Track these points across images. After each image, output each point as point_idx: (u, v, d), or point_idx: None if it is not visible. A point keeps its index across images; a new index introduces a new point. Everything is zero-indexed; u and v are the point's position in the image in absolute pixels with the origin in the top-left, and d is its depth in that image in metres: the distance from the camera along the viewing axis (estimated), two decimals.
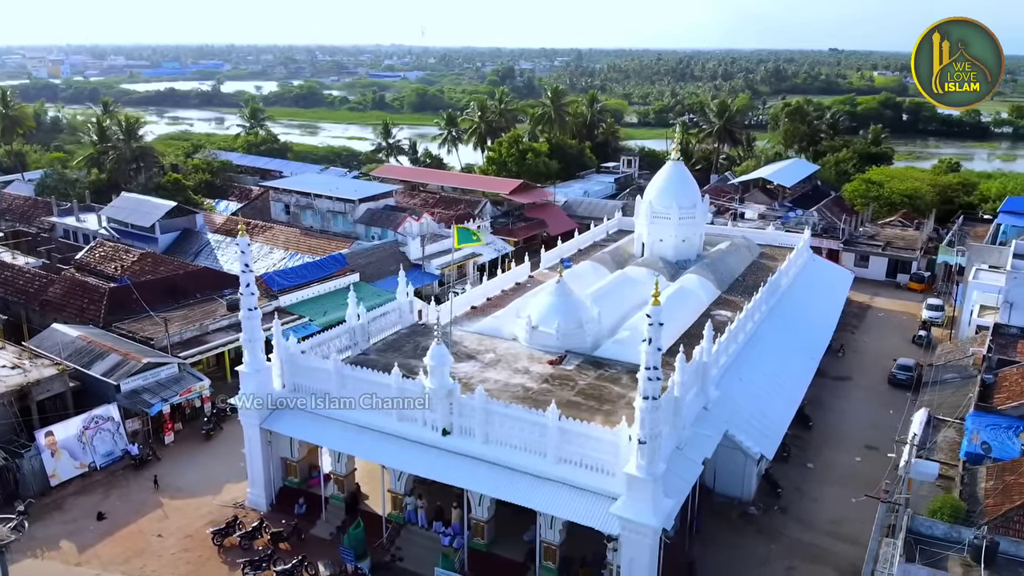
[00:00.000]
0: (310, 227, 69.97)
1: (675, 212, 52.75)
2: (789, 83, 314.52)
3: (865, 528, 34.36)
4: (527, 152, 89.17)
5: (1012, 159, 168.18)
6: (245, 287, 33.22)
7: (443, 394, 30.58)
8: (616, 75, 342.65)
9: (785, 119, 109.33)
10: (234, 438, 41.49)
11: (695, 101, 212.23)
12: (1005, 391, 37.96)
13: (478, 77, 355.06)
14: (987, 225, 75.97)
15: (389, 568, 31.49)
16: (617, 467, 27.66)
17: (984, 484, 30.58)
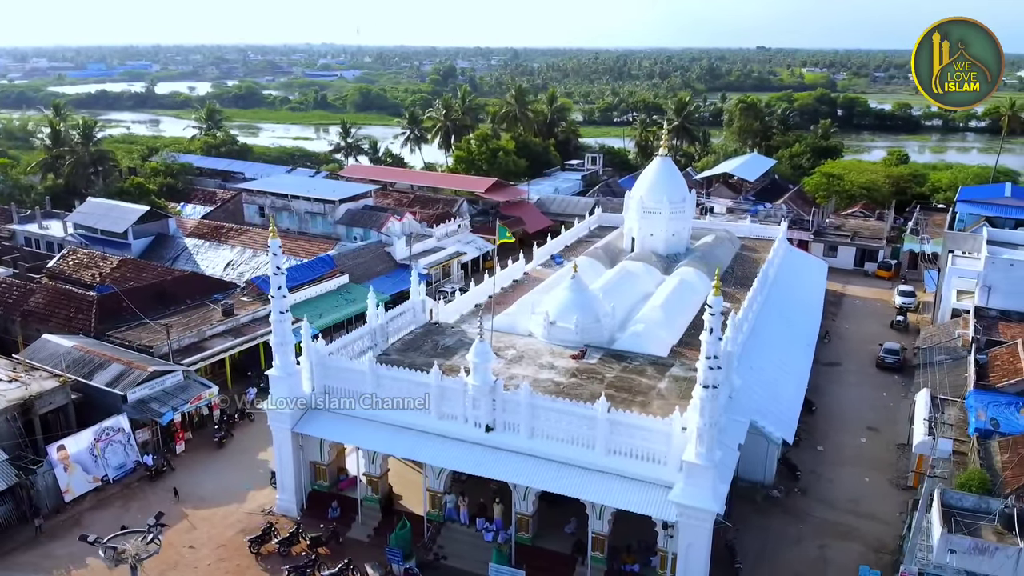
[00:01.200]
0: (287, 229, 68.82)
1: (666, 207, 53.85)
2: (723, 80, 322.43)
3: (882, 505, 36.19)
4: (497, 151, 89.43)
5: (943, 150, 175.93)
6: (277, 290, 32.78)
7: (486, 391, 30.78)
8: (555, 74, 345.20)
9: (739, 116, 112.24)
10: (246, 445, 41.00)
11: (639, 99, 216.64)
12: (999, 370, 40.11)
13: (417, 76, 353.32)
14: (942, 214, 79.67)
15: (435, 567, 31.52)
16: (669, 456, 28.35)
17: (999, 457, 32.32)
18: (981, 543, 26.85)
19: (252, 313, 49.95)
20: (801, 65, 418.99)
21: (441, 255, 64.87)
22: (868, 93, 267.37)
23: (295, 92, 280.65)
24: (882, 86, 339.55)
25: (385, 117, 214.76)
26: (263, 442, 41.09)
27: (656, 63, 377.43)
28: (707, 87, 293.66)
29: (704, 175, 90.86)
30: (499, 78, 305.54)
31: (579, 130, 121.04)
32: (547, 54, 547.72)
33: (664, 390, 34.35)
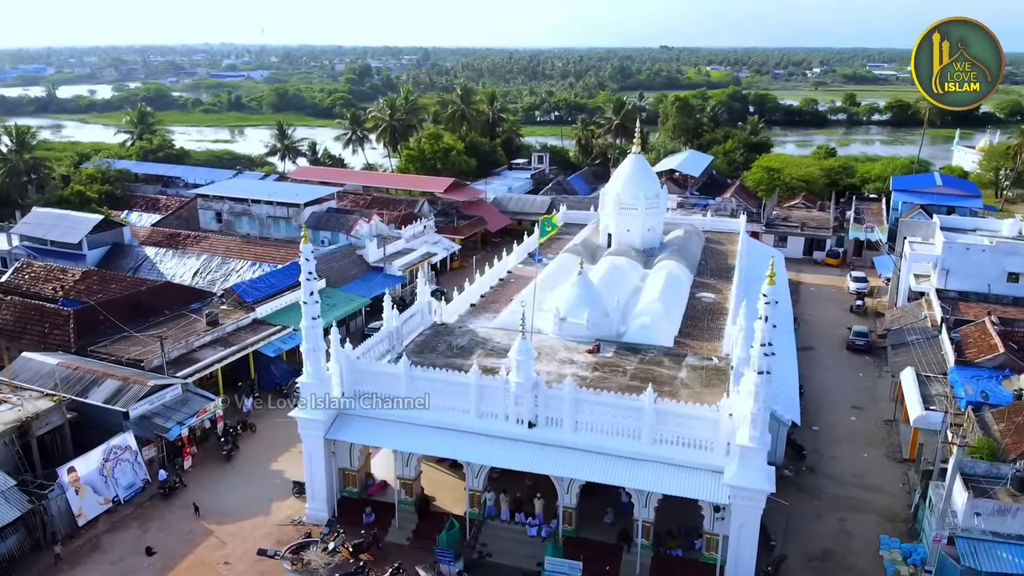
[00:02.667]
0: (247, 234, 67.03)
1: (642, 202, 55.33)
2: (633, 80, 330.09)
3: (884, 478, 38.52)
4: (449, 150, 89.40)
5: (848, 143, 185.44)
6: (309, 295, 32.26)
7: (529, 387, 31.20)
8: (471, 73, 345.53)
9: (674, 113, 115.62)
10: (255, 456, 40.10)
11: (559, 99, 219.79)
12: (973, 346, 43.22)
13: (330, 75, 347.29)
14: (876, 203, 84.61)
15: (482, 565, 31.72)
16: (717, 442, 29.49)
17: (996, 427, 34.93)
18: (1003, 505, 29.13)
19: (237, 322, 48.61)
20: (707, 63, 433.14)
21: (413, 256, 64.57)
22: (772, 89, 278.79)
23: (203, 93, 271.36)
24: (783, 83, 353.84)
25: (304, 118, 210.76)
26: (271, 452, 40.42)
27: (568, 63, 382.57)
28: (618, 86, 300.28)
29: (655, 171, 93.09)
30: (416, 77, 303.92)
31: (520, 129, 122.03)
32: (457, 53, 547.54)
33: (686, 379, 35.56)
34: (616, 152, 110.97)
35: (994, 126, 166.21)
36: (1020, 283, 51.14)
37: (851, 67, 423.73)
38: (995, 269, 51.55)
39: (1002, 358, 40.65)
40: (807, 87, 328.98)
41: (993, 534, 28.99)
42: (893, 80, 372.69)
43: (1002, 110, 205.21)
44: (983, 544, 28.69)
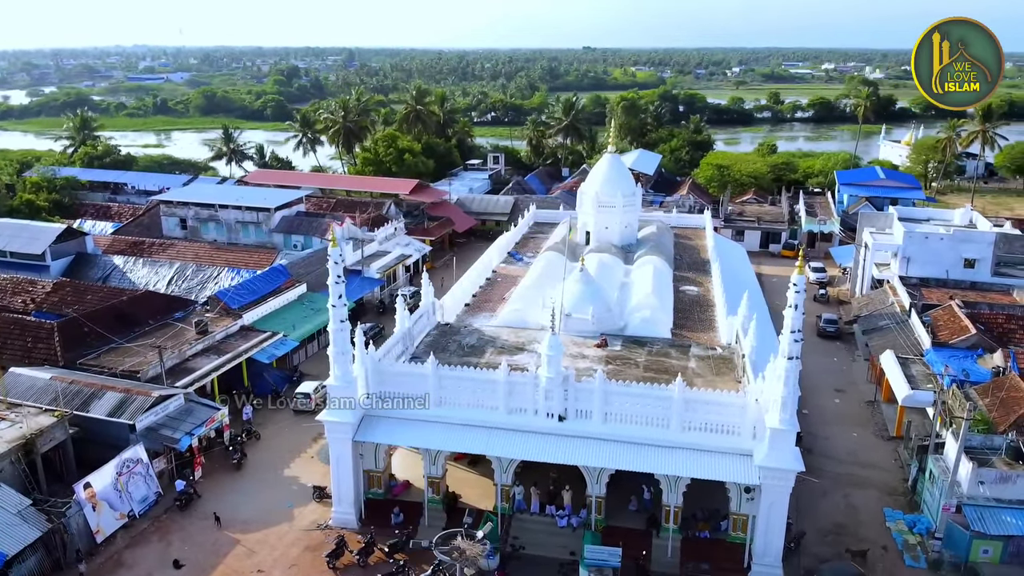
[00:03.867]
0: (214, 240, 65.63)
1: (619, 200, 56.66)
2: (562, 80, 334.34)
3: (876, 455, 40.74)
4: (405, 152, 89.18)
5: (773, 140, 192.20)
6: (337, 298, 32.15)
7: (559, 381, 31.91)
8: (400, 74, 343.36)
9: (620, 113, 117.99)
10: (264, 463, 39.66)
11: (495, 100, 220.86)
12: (945, 329, 46.00)
13: (253, 77, 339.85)
14: (821, 197, 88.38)
15: (517, 558, 32.23)
16: (744, 427, 30.82)
17: (982, 402, 37.41)
18: (1004, 473, 31.41)
19: (225, 329, 47.72)
20: (632, 64, 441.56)
21: (389, 259, 64.38)
22: (696, 89, 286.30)
23: (122, 97, 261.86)
24: (705, 82, 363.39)
25: (234, 120, 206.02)
26: (281, 459, 40.03)
27: (498, 64, 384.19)
28: (548, 87, 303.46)
29: None
30: (345, 78, 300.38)
31: (472, 130, 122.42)
32: (382, 54, 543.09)
33: (696, 369, 36.87)
34: (566, 152, 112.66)
35: (917, 121, 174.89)
36: (976, 268, 54.55)
37: (768, 66, 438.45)
38: (952, 256, 54.87)
39: (974, 338, 43.49)
40: (729, 86, 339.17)
41: (996, 500, 31.22)
42: (809, 78, 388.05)
43: (917, 105, 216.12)
44: (988, 510, 30.89)
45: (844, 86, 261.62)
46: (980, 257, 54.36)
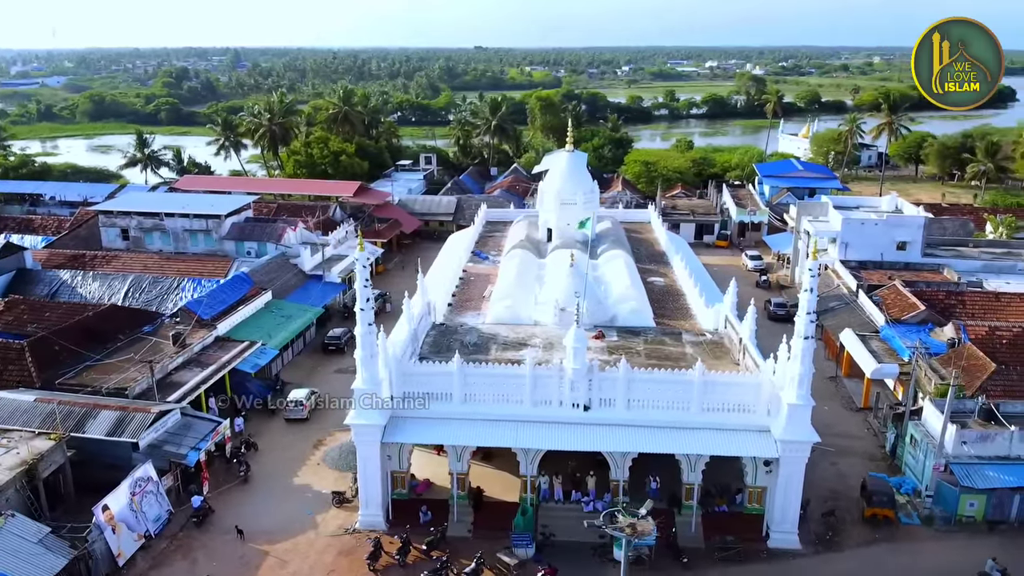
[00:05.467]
0: (160, 251, 63.12)
1: (580, 197, 58.24)
2: (461, 80, 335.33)
3: (849, 426, 43.96)
4: (341, 153, 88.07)
5: (670, 137, 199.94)
6: (365, 302, 32.10)
7: (584, 372, 33.06)
8: (294, 74, 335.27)
9: (540, 113, 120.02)
10: (269, 473, 39.11)
11: (401, 100, 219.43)
12: (895, 306, 49.94)
13: (136, 80, 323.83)
14: (742, 189, 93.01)
15: (551, 545, 33.15)
16: (759, 405, 32.89)
17: (945, 371, 41.05)
18: (984, 432, 34.82)
19: (202, 341, 46.32)
20: (527, 64, 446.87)
21: (347, 262, 63.63)
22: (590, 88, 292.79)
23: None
24: (598, 81, 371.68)
25: (125, 125, 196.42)
26: (287, 467, 39.51)
27: (395, 64, 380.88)
28: (448, 86, 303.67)
29: (540, 169, 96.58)
30: (238, 79, 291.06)
31: (399, 130, 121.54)
32: (268, 53, 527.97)
33: (694, 354, 38.75)
34: (493, 151, 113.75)
35: (802, 115, 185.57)
36: (907, 250, 59.25)
37: (655, 65, 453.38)
38: (886, 240, 59.42)
39: (924, 314, 47.47)
40: (622, 84, 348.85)
41: (978, 458, 34.54)
42: (695, 76, 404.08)
43: (802, 100, 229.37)
44: (973, 467, 34.15)
45: (734, 83, 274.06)
46: (911, 240, 59.12)
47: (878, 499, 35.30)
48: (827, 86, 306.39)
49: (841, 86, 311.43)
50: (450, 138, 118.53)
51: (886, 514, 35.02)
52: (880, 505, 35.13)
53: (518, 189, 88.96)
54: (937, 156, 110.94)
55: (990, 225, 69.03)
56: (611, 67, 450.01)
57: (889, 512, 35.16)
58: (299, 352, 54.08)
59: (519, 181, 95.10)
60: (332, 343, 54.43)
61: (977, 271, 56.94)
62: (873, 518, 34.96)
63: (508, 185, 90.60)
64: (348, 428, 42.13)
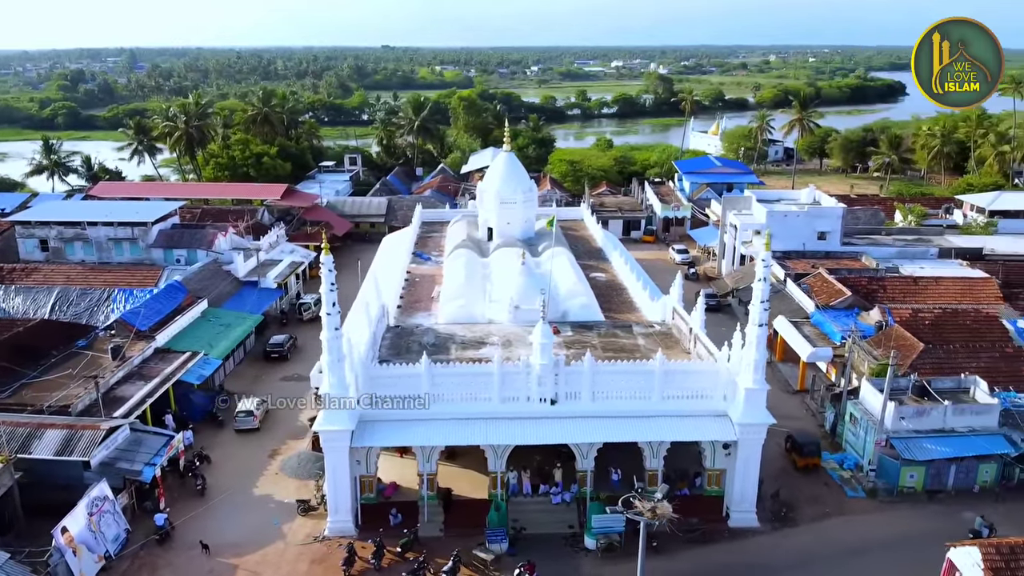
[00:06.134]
0: (82, 261, 60.28)
1: (520, 196, 58.88)
2: (371, 79, 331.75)
3: (789, 407, 46.10)
4: (262, 155, 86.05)
5: (583, 136, 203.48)
6: (331, 306, 31.72)
7: (551, 367, 33.68)
8: (196, 75, 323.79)
9: (463, 113, 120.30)
10: (226, 486, 38.26)
11: (312, 100, 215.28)
12: (822, 293, 52.68)
13: (27, 83, 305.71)
14: (663, 185, 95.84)
15: (523, 539, 33.62)
16: (717, 390, 34.27)
17: (876, 351, 43.72)
18: (921, 408, 37.31)
19: (142, 353, 44.64)
20: (438, 63, 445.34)
21: (282, 267, 62.37)
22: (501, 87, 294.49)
23: None
24: (509, 80, 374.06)
25: (20, 131, 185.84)
26: (244, 478, 38.70)
27: (302, 63, 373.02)
28: (358, 85, 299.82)
29: (470, 169, 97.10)
30: (138, 81, 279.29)
31: (320, 131, 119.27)
32: (165, 54, 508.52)
33: (647, 345, 40.00)
34: (417, 151, 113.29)
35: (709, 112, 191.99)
36: (827, 240, 62.49)
37: (563, 65, 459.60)
38: (808, 230, 62.50)
39: (850, 299, 50.31)
40: (532, 84, 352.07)
41: (915, 432, 36.96)
42: (602, 76, 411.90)
43: (707, 98, 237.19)
44: (912, 441, 36.53)
45: (642, 83, 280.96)
46: (831, 229, 62.41)
47: (808, 450, 39.06)
48: (728, 84, 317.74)
49: (742, 84, 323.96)
50: (371, 138, 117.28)
51: (815, 463, 39.09)
52: (809, 455, 39.12)
53: (449, 189, 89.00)
54: (841, 150, 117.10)
55: (899, 213, 73.54)
56: (520, 67, 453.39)
57: (816, 460, 39.17)
58: (240, 361, 52.72)
59: (448, 181, 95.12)
60: (275, 350, 53.31)
61: (892, 257, 60.57)
62: (805, 468, 38.48)
63: (438, 185, 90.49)
64: (303, 436, 42.62)
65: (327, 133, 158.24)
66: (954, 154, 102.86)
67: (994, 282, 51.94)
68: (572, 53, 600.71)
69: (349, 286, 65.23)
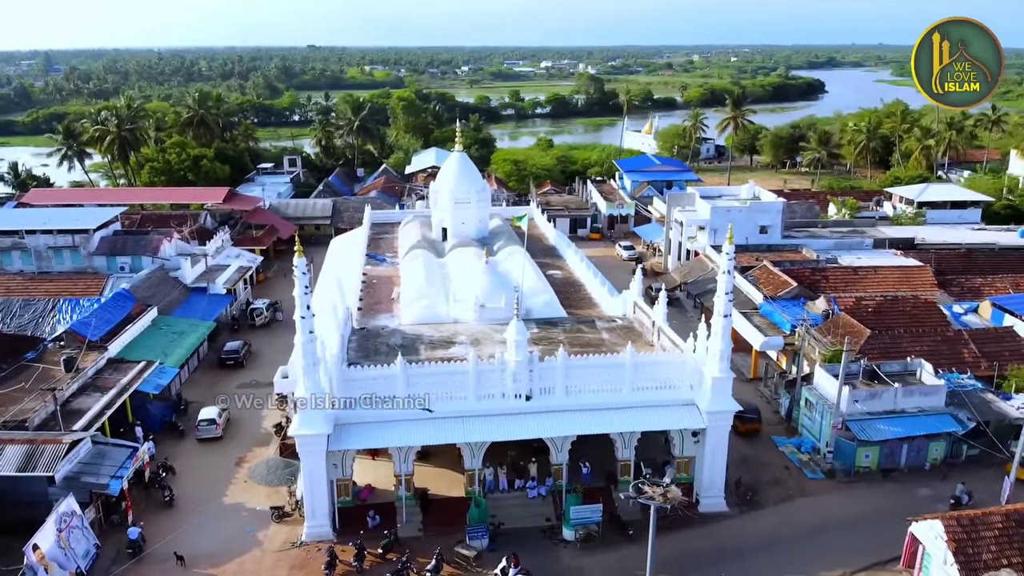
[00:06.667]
0: (20, 271, 57.89)
1: (474, 196, 59.13)
2: (299, 79, 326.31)
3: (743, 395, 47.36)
4: (200, 158, 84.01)
5: (518, 136, 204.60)
6: (305, 309, 31.44)
7: (526, 364, 34.17)
8: (116, 77, 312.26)
9: (402, 114, 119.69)
10: (194, 496, 37.71)
11: (242, 101, 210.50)
12: (768, 284, 54.65)
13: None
14: (605, 184, 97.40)
15: (501, 534, 34.00)
16: (684, 380, 35.34)
17: (826, 339, 45.65)
18: (874, 391, 39.20)
19: (95, 364, 43.29)
20: (368, 63, 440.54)
21: (231, 272, 61.12)
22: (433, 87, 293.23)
23: None
24: (440, 80, 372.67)
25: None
26: (212, 487, 38.10)
27: (227, 63, 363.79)
28: (286, 86, 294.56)
29: (412, 170, 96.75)
30: (56, 83, 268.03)
31: (256, 132, 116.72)
32: (81, 55, 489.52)
33: (611, 339, 40.89)
34: (357, 152, 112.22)
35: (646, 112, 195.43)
36: (768, 234, 64.77)
37: (493, 65, 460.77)
38: (750, 224, 64.62)
39: (796, 290, 52.35)
40: (464, 84, 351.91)
41: (869, 414, 38.81)
42: (533, 76, 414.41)
43: (636, 98, 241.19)
44: (866, 422, 38.35)
45: (573, 83, 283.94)
46: (772, 223, 64.73)
47: (749, 417, 41.54)
48: (656, 84, 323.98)
49: (669, 83, 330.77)
50: (306, 138, 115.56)
51: (756, 428, 42.44)
52: (750, 421, 42.02)
53: (396, 190, 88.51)
54: (771, 146, 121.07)
55: (833, 207, 76.70)
56: (451, 67, 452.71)
57: (757, 426, 42.37)
58: (195, 369, 51.54)
59: (392, 182, 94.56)
60: (230, 357, 52.30)
61: (830, 249, 63.21)
62: (747, 433, 41.38)
63: (383, 186, 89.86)
64: (268, 443, 42.09)
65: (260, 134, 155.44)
66: (879, 148, 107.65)
67: (928, 270, 54.80)
68: (501, 53, 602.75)
69: None
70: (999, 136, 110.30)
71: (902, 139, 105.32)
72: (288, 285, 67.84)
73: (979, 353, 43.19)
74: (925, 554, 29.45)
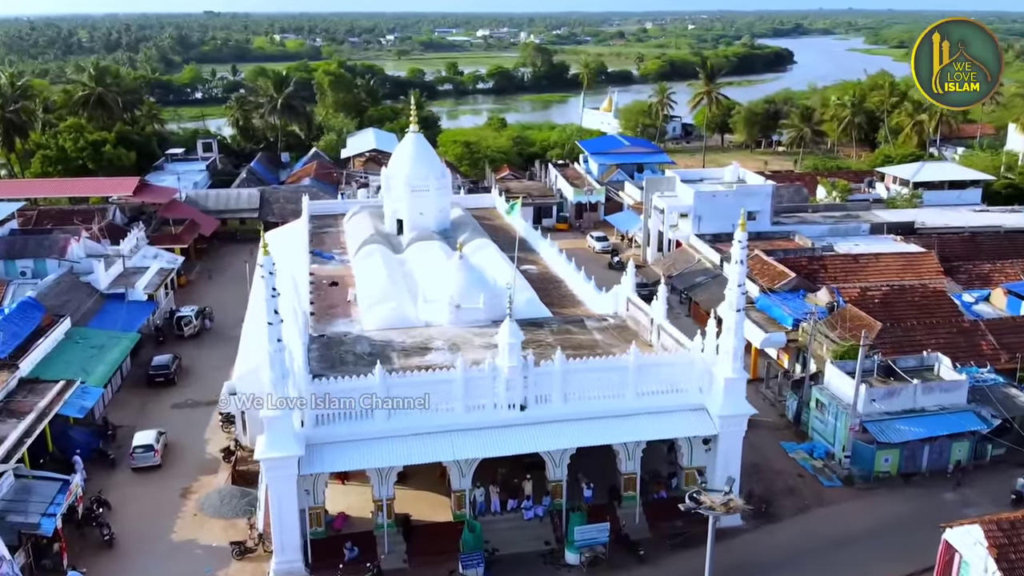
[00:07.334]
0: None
1: (433, 183, 59.19)
2: (198, 51, 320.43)
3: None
4: (101, 144, 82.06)
5: (457, 116, 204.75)
6: (273, 314, 31.27)
7: (520, 370, 34.64)
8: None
9: (331, 90, 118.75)
10: (137, 533, 37.34)
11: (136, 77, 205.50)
12: (764, 276, 56.27)
13: None
14: (568, 168, 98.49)
15: (497, 561, 34.42)
16: (692, 383, 36.35)
17: (834, 333, 47.33)
18: (891, 388, 40.91)
19: (5, 385, 42.10)
20: (278, 32, 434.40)
21: (151, 275, 59.92)
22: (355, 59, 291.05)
23: None
24: (363, 51, 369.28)
25: None
26: (156, 524, 37.70)
27: (110, 33, 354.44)
28: (183, 58, 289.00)
29: (349, 154, 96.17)
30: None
31: (162, 113, 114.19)
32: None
33: (606, 340, 41.74)
34: (280, 134, 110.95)
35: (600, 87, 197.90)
36: (757, 220, 66.52)
37: (423, 34, 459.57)
38: (737, 210, 65.82)
39: (795, 281, 54.08)
40: (391, 56, 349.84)
41: (887, 414, 40.47)
42: (468, 46, 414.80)
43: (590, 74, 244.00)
44: (886, 423, 39.99)
45: (518, 55, 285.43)
46: (760, 209, 66.56)
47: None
48: (608, 55, 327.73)
49: (622, 55, 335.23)
50: (221, 119, 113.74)
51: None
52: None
53: (334, 177, 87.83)
54: (745, 124, 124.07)
55: (822, 189, 79.23)
56: (374, 36, 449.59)
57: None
58: (119, 388, 50.52)
59: (325, 167, 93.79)
60: (159, 373, 51.33)
61: (824, 235, 65.35)
62: None
63: (315, 173, 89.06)
64: (216, 471, 41.65)
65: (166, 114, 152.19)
66: (864, 125, 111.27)
67: (933, 256, 57.16)
68: (430, 20, 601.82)
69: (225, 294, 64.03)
70: (992, 109, 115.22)
71: (890, 114, 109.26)
72: (214, 288, 68.18)
73: (998, 345, 45.39)
74: (962, 562, 30.91)
